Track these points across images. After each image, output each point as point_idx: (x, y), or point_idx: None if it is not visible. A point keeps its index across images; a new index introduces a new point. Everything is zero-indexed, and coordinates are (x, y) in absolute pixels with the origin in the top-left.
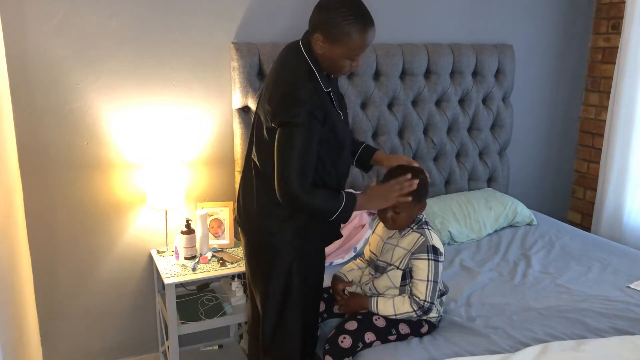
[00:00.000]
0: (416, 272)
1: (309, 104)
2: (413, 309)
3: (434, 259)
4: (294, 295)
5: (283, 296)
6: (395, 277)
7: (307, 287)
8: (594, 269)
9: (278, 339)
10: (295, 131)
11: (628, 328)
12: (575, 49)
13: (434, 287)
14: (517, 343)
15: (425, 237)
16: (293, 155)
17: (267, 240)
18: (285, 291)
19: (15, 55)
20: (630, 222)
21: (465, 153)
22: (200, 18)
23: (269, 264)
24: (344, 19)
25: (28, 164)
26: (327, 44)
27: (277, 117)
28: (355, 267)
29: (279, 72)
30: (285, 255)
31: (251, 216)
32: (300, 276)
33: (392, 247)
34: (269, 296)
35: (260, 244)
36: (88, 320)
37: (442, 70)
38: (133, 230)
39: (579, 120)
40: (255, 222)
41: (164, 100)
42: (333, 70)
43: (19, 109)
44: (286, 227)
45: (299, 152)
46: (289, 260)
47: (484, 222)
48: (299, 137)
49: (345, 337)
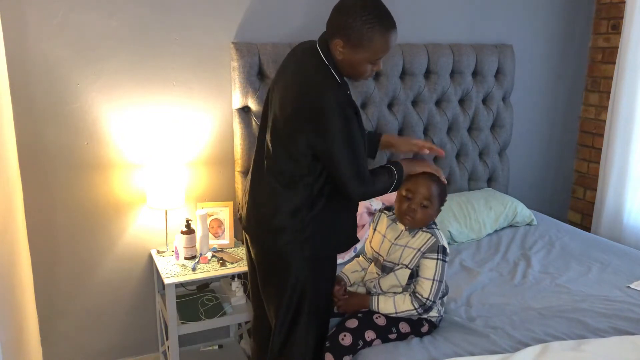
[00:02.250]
0: (423, 270)
1: (338, 108)
2: (414, 307)
3: (442, 259)
4: (307, 308)
5: (296, 309)
6: (403, 276)
7: (319, 299)
8: (594, 269)
9: (288, 350)
10: (336, 134)
11: (628, 328)
12: (575, 49)
13: (439, 286)
14: (517, 343)
15: (436, 238)
16: (344, 157)
17: (281, 252)
18: (298, 304)
19: (15, 55)
20: (630, 222)
21: (465, 153)
22: (200, 18)
23: (281, 276)
24: (365, 23)
25: (28, 164)
26: (347, 49)
27: (310, 129)
28: (358, 267)
29: (299, 80)
30: (299, 269)
31: (263, 225)
32: (312, 289)
33: (400, 247)
34: (282, 307)
35: (274, 255)
36: (88, 320)
37: (442, 70)
38: (133, 230)
39: (579, 120)
40: (268, 232)
41: (164, 100)
42: (354, 75)
43: (19, 109)
44: (300, 239)
45: (349, 152)
46: (303, 274)
47: (484, 222)
48: (340, 138)
49: (346, 335)
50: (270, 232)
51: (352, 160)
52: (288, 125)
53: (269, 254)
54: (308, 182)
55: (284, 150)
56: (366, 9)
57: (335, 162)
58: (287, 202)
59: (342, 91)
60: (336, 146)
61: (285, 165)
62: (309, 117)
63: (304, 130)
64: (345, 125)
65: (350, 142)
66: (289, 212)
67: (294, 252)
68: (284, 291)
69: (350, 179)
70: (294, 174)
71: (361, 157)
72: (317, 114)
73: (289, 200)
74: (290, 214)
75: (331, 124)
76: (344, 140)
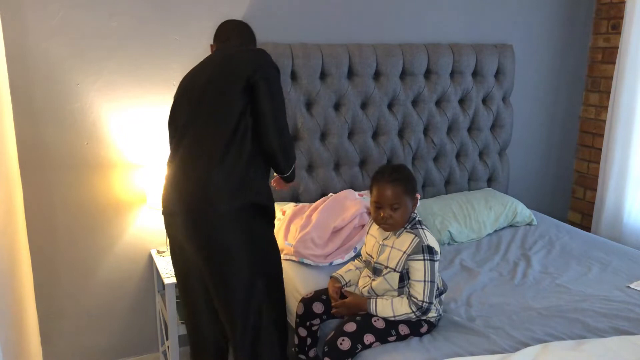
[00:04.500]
0: (413, 273)
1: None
2: (412, 310)
3: (430, 259)
4: (258, 282)
5: (247, 290)
6: (393, 280)
7: (268, 273)
8: (594, 269)
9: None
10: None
11: (628, 328)
12: (575, 49)
13: (431, 287)
14: (517, 343)
15: (419, 238)
16: (283, 108)
17: (215, 234)
18: (248, 283)
19: (15, 55)
20: (630, 222)
21: (465, 153)
22: (200, 18)
23: (224, 260)
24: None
25: (28, 164)
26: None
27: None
28: (353, 267)
29: (235, 52)
30: (237, 246)
31: (198, 208)
32: (258, 264)
33: (388, 248)
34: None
35: (209, 240)
36: (88, 320)
37: (442, 70)
38: (133, 230)
39: (579, 120)
40: (203, 213)
41: (164, 100)
42: None
43: (19, 109)
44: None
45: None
46: (242, 250)
47: (484, 222)
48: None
49: (344, 340)
50: (204, 213)
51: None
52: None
53: (204, 239)
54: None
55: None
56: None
57: (278, 107)
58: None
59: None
60: (281, 114)
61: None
62: (260, 62)
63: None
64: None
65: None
66: (215, 182)
67: (231, 229)
68: (230, 274)
69: (286, 128)
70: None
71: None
72: (273, 84)
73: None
74: (218, 183)
75: (279, 95)
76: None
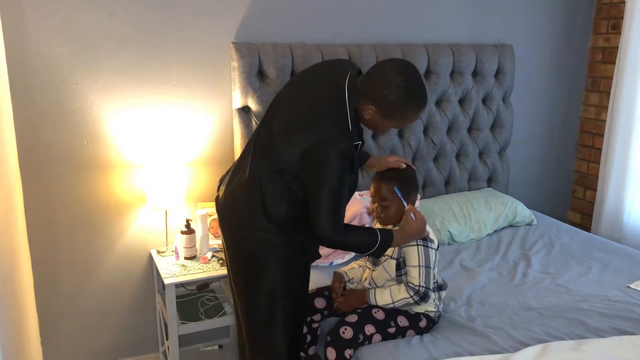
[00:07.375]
0: (408, 259)
1: (339, 160)
2: (410, 295)
3: (423, 245)
4: (279, 310)
5: (268, 312)
6: (390, 267)
7: (291, 299)
8: (594, 269)
9: (261, 355)
10: (328, 169)
11: (628, 328)
12: (575, 49)
13: (427, 272)
14: (517, 343)
15: None
16: (327, 203)
17: (255, 251)
18: (270, 307)
19: (15, 55)
20: (630, 222)
21: (465, 153)
22: (200, 18)
23: (254, 276)
24: (401, 100)
25: (28, 164)
26: (378, 116)
27: (306, 170)
28: (356, 265)
29: (311, 117)
30: (273, 271)
31: (242, 220)
32: (285, 292)
33: None
34: (255, 308)
35: (248, 253)
36: (88, 320)
37: (442, 70)
38: (133, 230)
39: (579, 120)
40: (245, 228)
41: (164, 100)
42: (375, 132)
43: (19, 109)
44: (278, 242)
45: (332, 201)
46: (277, 277)
47: (484, 222)
48: (332, 176)
49: (347, 329)
50: (247, 228)
51: (333, 208)
52: (285, 152)
53: (243, 250)
54: (294, 189)
55: (275, 161)
56: (405, 87)
57: (317, 203)
58: (270, 203)
59: (349, 141)
60: (324, 192)
61: (275, 172)
62: (308, 162)
63: (299, 166)
64: (339, 178)
65: (338, 194)
66: (269, 214)
67: (270, 254)
68: (256, 292)
69: (325, 224)
70: (283, 181)
71: (342, 209)
72: (319, 164)
73: (271, 202)
74: (271, 217)
75: (327, 175)
76: (334, 190)
